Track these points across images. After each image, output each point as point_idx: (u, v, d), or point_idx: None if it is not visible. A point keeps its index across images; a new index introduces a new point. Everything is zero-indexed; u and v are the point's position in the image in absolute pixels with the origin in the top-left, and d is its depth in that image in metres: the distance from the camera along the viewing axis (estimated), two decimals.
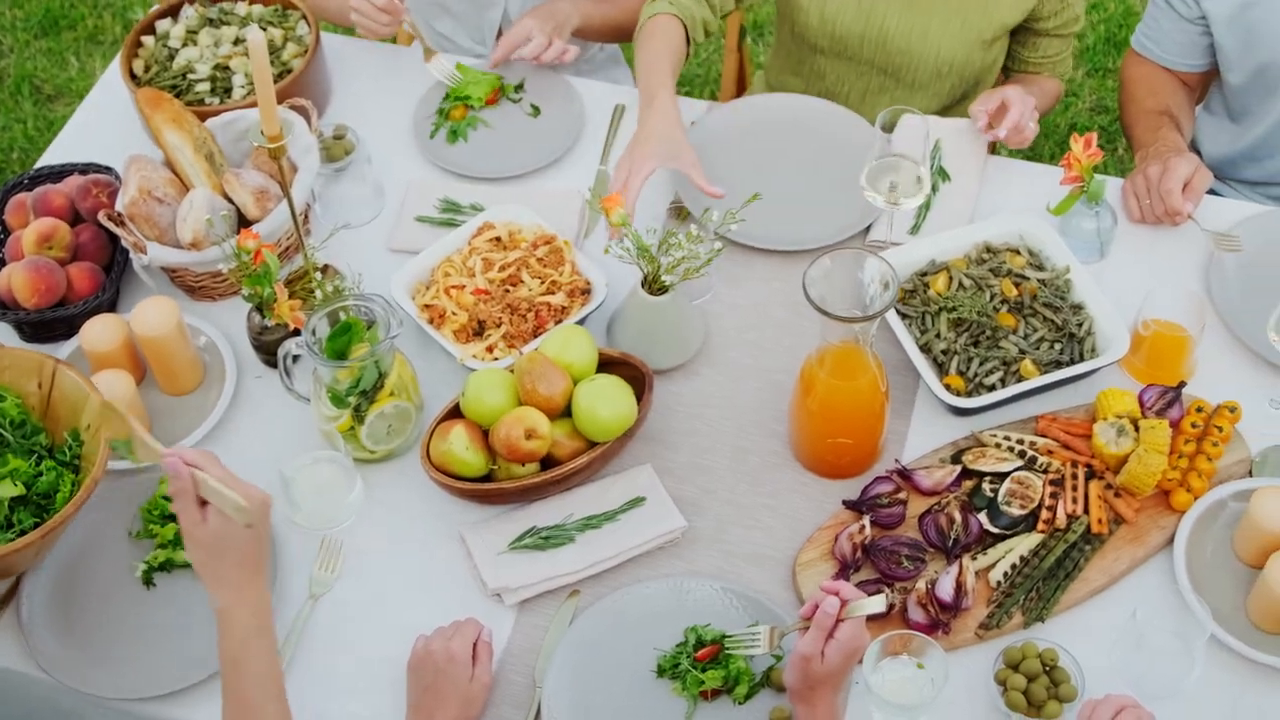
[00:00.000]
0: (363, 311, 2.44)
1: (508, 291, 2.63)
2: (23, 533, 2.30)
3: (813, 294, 2.23)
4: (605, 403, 2.39)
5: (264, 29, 3.05)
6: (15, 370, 2.46)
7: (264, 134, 2.39)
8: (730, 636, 2.24)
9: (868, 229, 2.81)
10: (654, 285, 2.53)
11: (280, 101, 2.83)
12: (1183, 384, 2.53)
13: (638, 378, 2.49)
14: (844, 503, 2.43)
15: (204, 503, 1.99)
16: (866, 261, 2.28)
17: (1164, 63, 3.11)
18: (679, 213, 2.84)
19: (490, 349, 2.57)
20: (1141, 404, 2.50)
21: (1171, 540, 2.41)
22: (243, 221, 2.72)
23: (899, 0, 2.98)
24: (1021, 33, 3.11)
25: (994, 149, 3.07)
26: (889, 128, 2.62)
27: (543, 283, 2.64)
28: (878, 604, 2.03)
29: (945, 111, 3.18)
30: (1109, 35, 4.99)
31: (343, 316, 2.43)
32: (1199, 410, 2.51)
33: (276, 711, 2.04)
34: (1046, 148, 4.59)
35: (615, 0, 3.26)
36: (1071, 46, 3.16)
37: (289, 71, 2.99)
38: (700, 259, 2.49)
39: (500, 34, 3.31)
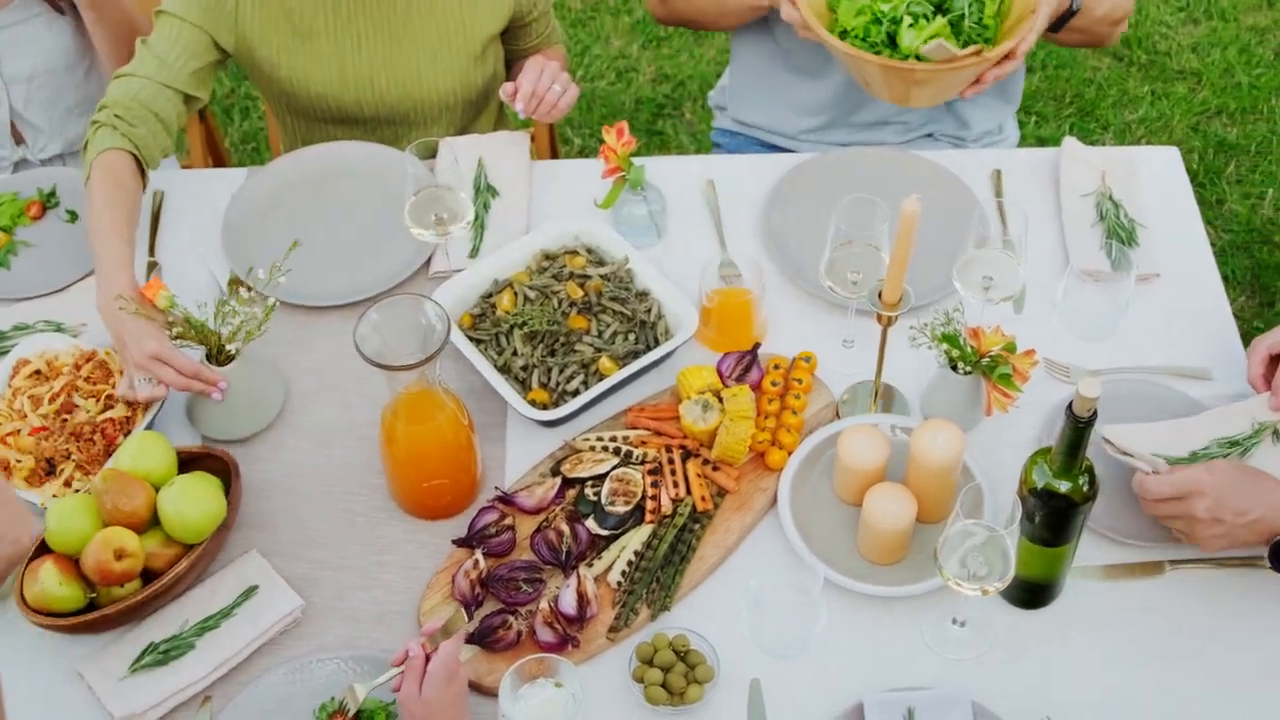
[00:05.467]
0: None
1: (65, 421, 2.54)
2: None
3: (368, 350, 2.21)
4: (191, 503, 2.33)
5: None
6: None
7: None
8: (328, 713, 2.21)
9: (428, 262, 2.80)
10: (220, 356, 2.49)
11: None
12: (757, 345, 2.59)
13: (223, 468, 2.44)
14: (453, 542, 2.42)
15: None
16: (416, 303, 2.27)
17: None
18: (239, 282, 2.79)
19: (68, 483, 2.48)
20: (720, 374, 2.55)
21: (776, 499, 2.46)
22: None
23: (380, 53, 2.97)
24: (510, 31, 3.13)
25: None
26: (426, 160, 2.62)
27: (98, 400, 2.56)
28: (462, 620, 2.06)
29: (466, 131, 3.19)
30: None
31: None
32: (777, 367, 2.57)
33: None
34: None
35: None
36: (552, 12, 3.21)
37: None
38: (258, 319, 2.47)
39: (13, 129, 3.19)
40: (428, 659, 2.07)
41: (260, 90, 3.12)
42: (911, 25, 2.62)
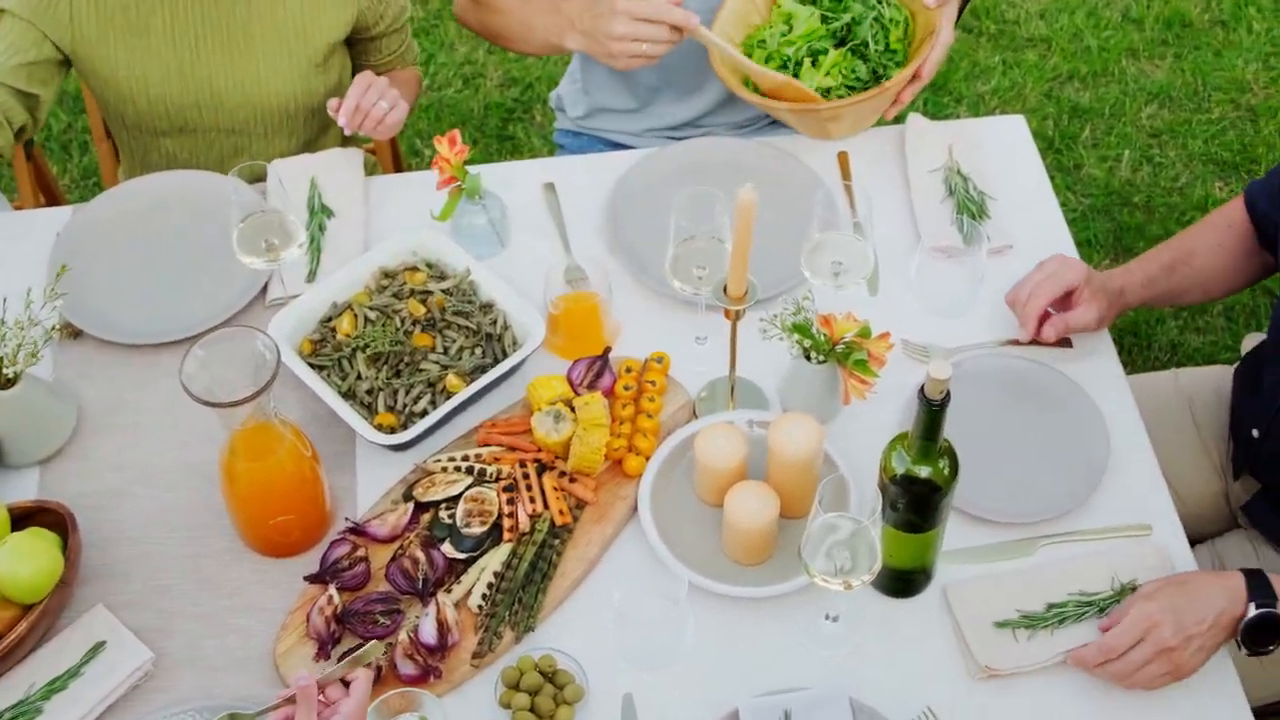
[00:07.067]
0: None
1: None
2: None
3: (196, 388, 2.11)
4: (24, 561, 2.23)
5: None
6: None
7: None
8: None
9: (264, 290, 2.70)
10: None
11: None
12: (608, 350, 2.52)
13: (60, 522, 2.33)
14: (305, 578, 2.33)
15: None
16: (244, 335, 2.18)
17: None
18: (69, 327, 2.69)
19: None
20: (571, 382, 2.48)
21: (636, 507, 2.40)
22: None
23: (219, 56, 2.88)
24: (358, 44, 3.06)
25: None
26: (254, 184, 2.54)
27: None
28: (376, 650, 2.01)
29: (312, 145, 3.10)
30: None
31: None
32: (629, 370, 2.51)
33: None
34: (527, 134, 4.56)
35: None
36: (409, 31, 3.13)
37: None
38: (36, 343, 2.41)
39: None
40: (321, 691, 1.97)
41: (99, 102, 3.03)
42: (812, 65, 2.78)
